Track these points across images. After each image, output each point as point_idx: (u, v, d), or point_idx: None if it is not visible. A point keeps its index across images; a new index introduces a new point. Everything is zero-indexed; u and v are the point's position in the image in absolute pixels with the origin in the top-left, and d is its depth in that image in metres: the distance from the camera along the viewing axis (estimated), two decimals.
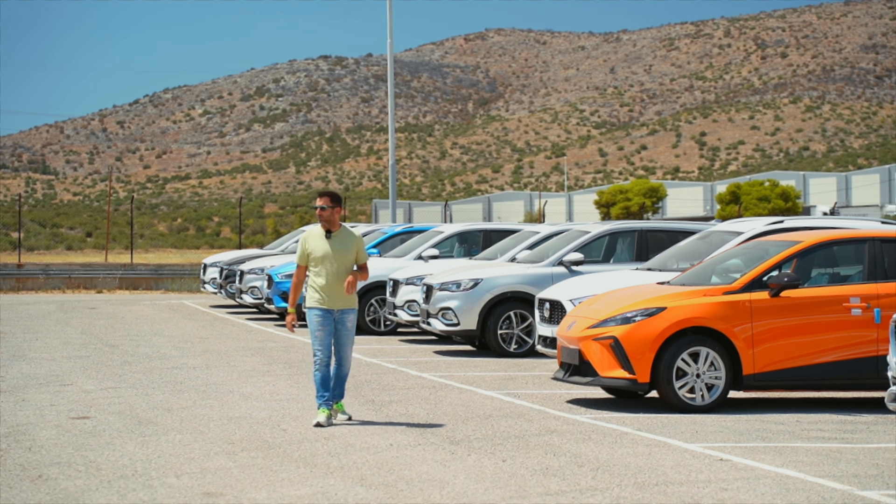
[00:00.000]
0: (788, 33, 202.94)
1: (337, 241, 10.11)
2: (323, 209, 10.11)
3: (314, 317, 9.99)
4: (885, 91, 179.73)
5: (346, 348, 10.06)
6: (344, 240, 10.14)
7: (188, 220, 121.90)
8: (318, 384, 9.99)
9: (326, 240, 10.10)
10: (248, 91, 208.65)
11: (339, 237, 10.13)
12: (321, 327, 9.96)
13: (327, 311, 9.98)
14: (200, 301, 29.84)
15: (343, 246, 10.10)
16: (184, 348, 16.94)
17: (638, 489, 7.45)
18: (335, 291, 9.98)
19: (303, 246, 10.16)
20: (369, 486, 7.55)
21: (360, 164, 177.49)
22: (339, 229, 10.16)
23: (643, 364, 10.61)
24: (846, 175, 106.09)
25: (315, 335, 9.97)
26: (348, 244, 10.12)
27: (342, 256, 10.05)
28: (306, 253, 10.14)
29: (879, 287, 10.77)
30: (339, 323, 10.01)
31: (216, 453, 8.68)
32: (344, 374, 10.10)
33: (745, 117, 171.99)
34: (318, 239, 10.13)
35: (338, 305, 10.00)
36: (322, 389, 9.99)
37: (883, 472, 7.98)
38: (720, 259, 11.87)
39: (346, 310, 10.04)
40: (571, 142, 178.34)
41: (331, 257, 10.02)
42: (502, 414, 10.56)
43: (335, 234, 10.13)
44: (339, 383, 10.09)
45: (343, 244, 10.11)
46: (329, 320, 9.98)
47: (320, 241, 10.11)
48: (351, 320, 10.05)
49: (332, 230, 10.13)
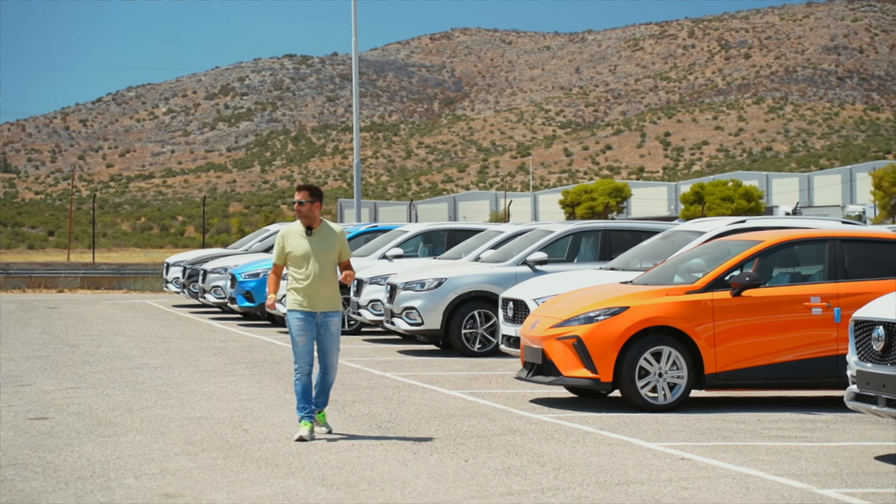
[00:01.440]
0: (752, 34, 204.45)
1: (318, 239, 9.36)
2: (301, 204, 9.35)
3: (295, 321, 9.24)
4: (847, 92, 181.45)
5: (331, 354, 9.33)
6: (325, 237, 9.39)
7: (152, 219, 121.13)
8: (300, 395, 9.23)
9: (307, 237, 9.36)
10: (213, 90, 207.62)
11: (320, 234, 9.38)
12: (303, 332, 9.22)
13: (309, 315, 9.25)
14: (163, 301, 29.64)
15: (325, 244, 9.36)
16: (145, 348, 16.81)
17: (599, 488, 7.45)
18: (317, 293, 9.26)
19: (281, 244, 9.41)
20: (331, 487, 7.50)
21: (325, 164, 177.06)
22: (319, 225, 9.42)
23: (606, 363, 10.63)
24: (808, 175, 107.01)
25: (296, 341, 9.26)
26: (330, 242, 9.38)
27: (324, 255, 9.32)
28: (284, 252, 9.39)
29: (839, 286, 10.85)
30: (321, 327, 9.26)
31: (176, 454, 8.61)
32: (329, 382, 9.39)
33: (709, 118, 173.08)
34: (298, 237, 9.38)
35: (320, 308, 9.25)
36: (303, 401, 9.22)
37: (842, 471, 8.03)
38: (683, 258, 11.91)
39: (329, 312, 9.28)
40: (537, 142, 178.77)
41: (312, 256, 9.29)
42: (465, 413, 10.54)
43: (316, 230, 9.38)
44: (323, 391, 9.38)
45: (325, 242, 9.37)
46: (311, 324, 9.24)
47: (300, 239, 9.36)
48: (335, 323, 9.30)
49: (313, 227, 9.38)
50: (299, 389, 9.24)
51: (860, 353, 8.37)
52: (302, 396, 9.23)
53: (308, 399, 9.23)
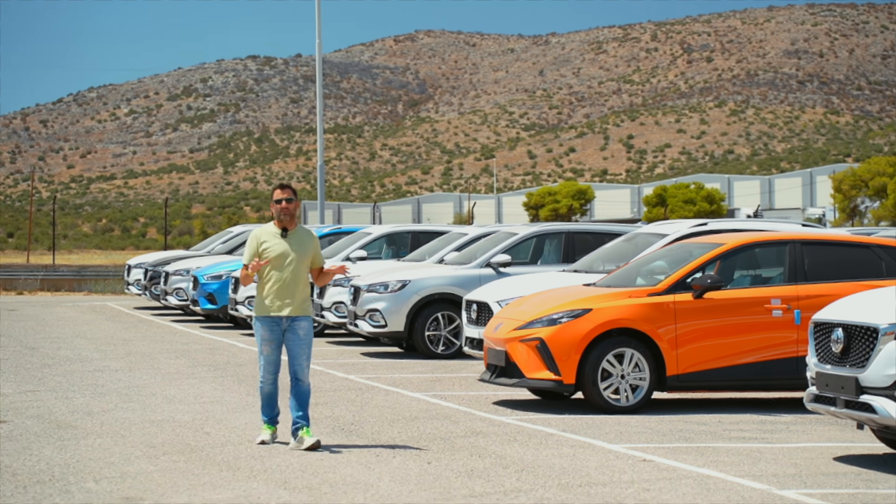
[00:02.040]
0: (714, 38, 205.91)
1: (294, 241, 8.92)
2: (290, 201, 8.90)
3: (261, 327, 8.87)
4: (808, 96, 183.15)
5: (301, 359, 8.80)
6: (302, 240, 8.95)
7: (113, 220, 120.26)
8: (264, 401, 8.98)
9: (283, 239, 8.93)
10: (175, 91, 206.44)
11: (296, 237, 8.94)
12: (268, 342, 8.85)
13: (275, 321, 8.85)
14: (124, 303, 29.42)
15: (301, 247, 8.92)
16: (106, 350, 16.67)
17: (562, 490, 7.47)
18: (290, 296, 8.82)
19: (254, 244, 8.93)
20: (293, 490, 7.47)
21: (288, 165, 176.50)
22: (295, 227, 8.98)
23: (569, 365, 10.66)
24: (769, 178, 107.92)
25: (261, 349, 8.89)
26: (306, 245, 8.94)
27: (300, 258, 8.88)
28: (258, 252, 8.91)
29: (800, 289, 10.94)
30: (288, 331, 8.82)
31: (137, 457, 8.54)
32: (304, 391, 8.84)
33: (672, 120, 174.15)
34: (274, 237, 8.93)
35: (291, 311, 8.82)
36: (267, 407, 8.98)
37: (801, 472, 8.09)
38: (645, 261, 11.97)
39: (297, 317, 8.82)
40: (501, 144, 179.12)
41: (287, 258, 8.85)
42: (428, 416, 10.54)
43: (292, 232, 8.94)
44: (301, 405, 8.81)
45: (301, 245, 8.93)
46: (278, 333, 8.84)
47: (276, 240, 8.91)
48: (303, 328, 8.83)
49: (290, 228, 8.95)
50: (264, 396, 9.03)
51: (819, 354, 8.45)
52: (266, 402, 9.03)
53: (272, 405, 9.01)
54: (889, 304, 8.15)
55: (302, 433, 8.82)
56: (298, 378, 8.87)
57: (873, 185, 70.30)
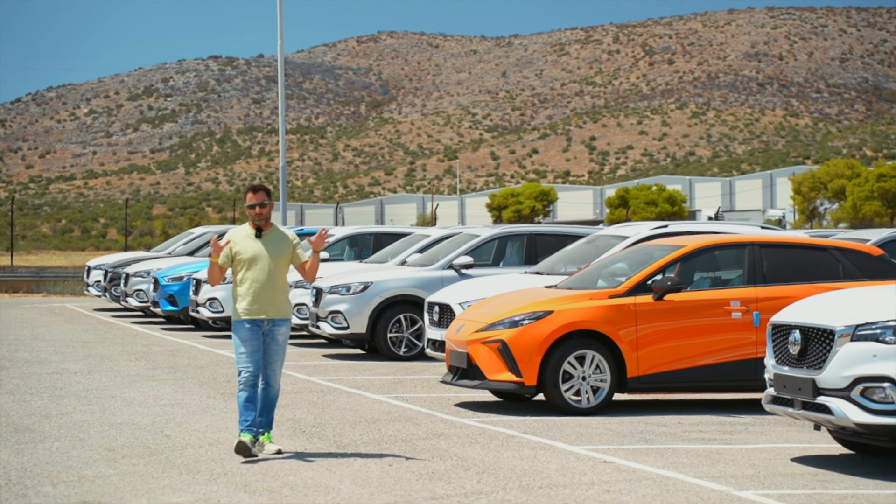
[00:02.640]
0: (675, 40, 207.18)
1: (269, 242, 8.73)
2: (263, 206, 8.70)
3: (242, 331, 8.62)
4: (768, 98, 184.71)
5: (275, 365, 8.69)
6: (277, 240, 8.75)
7: (73, 221, 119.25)
8: (241, 405, 8.59)
9: (257, 240, 8.75)
10: (136, 90, 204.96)
11: (271, 237, 8.75)
12: (249, 340, 8.60)
13: (256, 323, 8.63)
14: (84, 304, 29.18)
15: (277, 248, 8.72)
16: (65, 353, 16.53)
17: (522, 492, 7.49)
18: (268, 298, 8.63)
19: (229, 248, 8.77)
20: (253, 493, 7.45)
21: (251, 166, 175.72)
22: (270, 228, 8.79)
23: (530, 367, 10.69)
24: (730, 180, 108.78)
25: (240, 350, 8.61)
26: (282, 245, 8.73)
27: (276, 258, 8.68)
28: (231, 253, 8.73)
29: (759, 291, 11.03)
30: (268, 336, 8.64)
31: (95, 460, 8.48)
32: (273, 396, 8.73)
33: (634, 122, 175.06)
34: (248, 239, 8.75)
35: (269, 314, 8.62)
36: (245, 412, 8.60)
37: (759, 473, 8.16)
38: (606, 263, 12.02)
39: (277, 320, 8.66)
40: (464, 145, 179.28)
41: (262, 260, 8.67)
42: (390, 418, 10.53)
43: (266, 233, 8.76)
44: (266, 409, 8.68)
45: (277, 245, 8.73)
46: (258, 334, 8.62)
47: (250, 241, 8.73)
48: (282, 333, 8.68)
49: (264, 229, 8.78)
50: (242, 400, 8.58)
51: (777, 356, 8.53)
52: (244, 407, 8.58)
53: (251, 411, 8.59)
54: (845, 307, 8.24)
55: (263, 438, 8.68)
56: (269, 383, 8.71)
57: (832, 188, 71.03)
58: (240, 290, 8.71)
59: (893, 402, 7.73)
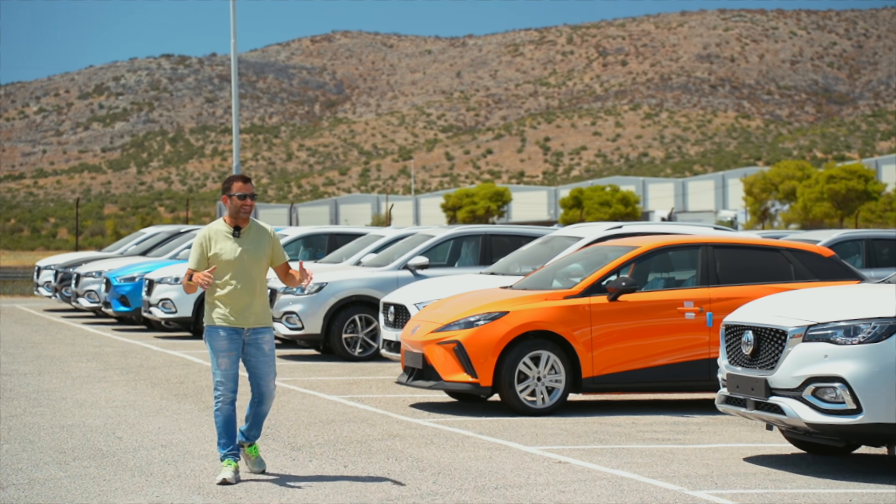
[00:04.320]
0: (628, 41, 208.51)
1: (248, 241, 7.83)
2: (252, 197, 7.85)
3: (218, 339, 7.75)
4: (720, 100, 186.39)
5: (267, 379, 7.85)
6: (256, 239, 7.86)
7: (22, 220, 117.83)
8: (220, 428, 7.75)
9: (235, 239, 7.85)
10: (87, 89, 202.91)
11: (249, 236, 7.85)
12: (227, 351, 7.74)
13: (234, 332, 7.78)
14: (34, 305, 28.83)
15: (255, 246, 7.83)
16: (14, 354, 16.32)
17: (478, 493, 7.49)
18: (247, 305, 7.77)
19: (203, 247, 7.81)
20: (207, 495, 7.39)
21: (204, 165, 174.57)
22: (247, 226, 7.89)
23: (486, 368, 10.70)
24: (683, 181, 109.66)
25: (217, 363, 7.76)
26: (262, 244, 7.85)
27: (256, 260, 7.80)
28: (206, 255, 7.80)
29: (712, 291, 11.11)
30: (250, 346, 7.80)
31: (46, 463, 8.37)
32: (264, 413, 7.96)
33: (588, 123, 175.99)
34: (225, 238, 7.82)
35: (249, 323, 7.78)
36: (225, 435, 7.75)
37: (712, 472, 8.22)
38: (561, 263, 12.06)
39: (259, 328, 7.81)
40: (418, 145, 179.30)
41: (241, 261, 7.76)
42: (345, 419, 10.50)
43: (245, 230, 7.85)
44: (256, 423, 7.95)
45: (256, 245, 7.84)
46: (237, 343, 7.78)
47: (228, 241, 7.80)
48: (267, 341, 7.85)
49: (242, 227, 7.87)
50: (220, 421, 7.76)
51: (730, 356, 8.59)
52: (224, 429, 7.76)
53: (231, 433, 7.77)
54: (797, 307, 8.32)
55: (249, 450, 8.00)
56: (262, 401, 7.92)
57: (783, 189, 71.83)
58: (217, 294, 7.79)
59: (844, 402, 7.82)
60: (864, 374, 7.77)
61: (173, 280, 19.12)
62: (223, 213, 8.14)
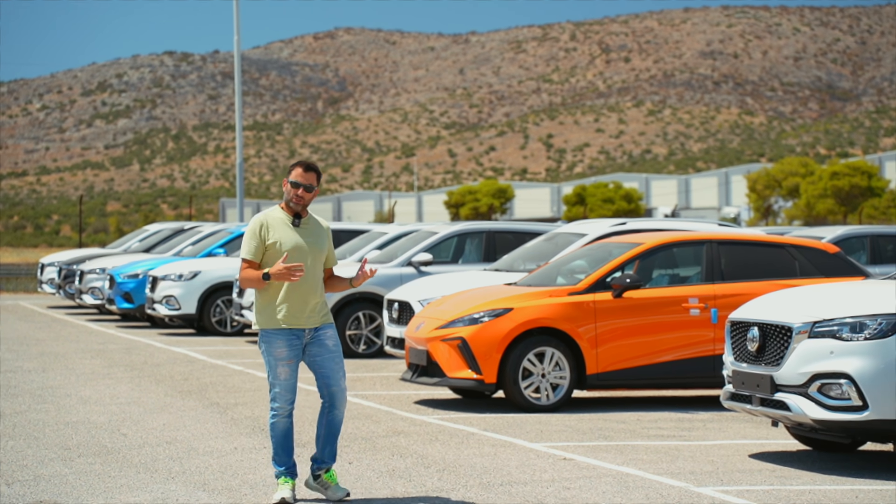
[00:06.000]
0: (631, 38, 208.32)
1: (308, 233, 7.00)
2: (309, 190, 6.98)
3: (278, 345, 6.87)
4: (723, 96, 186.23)
5: (337, 377, 6.94)
6: (316, 231, 7.03)
7: (25, 217, 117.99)
8: (278, 441, 6.93)
9: (295, 229, 7.00)
10: (90, 86, 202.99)
11: (310, 227, 7.02)
12: (287, 360, 6.88)
13: (296, 336, 6.90)
14: (37, 302, 28.85)
15: (316, 240, 7.00)
16: (18, 351, 16.33)
17: (483, 489, 7.49)
18: (309, 302, 6.91)
19: (259, 235, 6.92)
20: (212, 491, 7.38)
21: (206, 163, 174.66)
22: (307, 216, 7.06)
23: (490, 364, 10.69)
24: (686, 178, 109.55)
25: (276, 372, 6.90)
26: (321, 238, 7.03)
27: (317, 253, 6.97)
28: (264, 244, 6.91)
29: (716, 288, 11.10)
30: (312, 345, 6.92)
31: (51, 459, 8.38)
32: (338, 420, 7.02)
33: (591, 120, 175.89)
34: (284, 226, 6.94)
35: (311, 323, 6.91)
36: (282, 451, 6.94)
37: (718, 469, 8.21)
38: (565, 260, 12.05)
39: (322, 326, 6.96)
40: (421, 142, 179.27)
41: (303, 254, 6.91)
42: (350, 416, 10.49)
43: (304, 221, 7.01)
44: (331, 439, 7.00)
45: (316, 238, 7.01)
46: (297, 349, 6.89)
47: (288, 230, 6.93)
48: (330, 336, 6.95)
49: (302, 216, 7.03)
50: (279, 434, 6.92)
51: (736, 353, 8.58)
52: (282, 444, 6.94)
53: (289, 449, 6.95)
54: (802, 304, 8.31)
55: (326, 477, 7.07)
56: (335, 404, 6.98)
57: (786, 185, 71.75)
58: (273, 291, 6.90)
59: (850, 399, 7.81)
60: (870, 371, 7.76)
61: (177, 277, 19.13)
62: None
